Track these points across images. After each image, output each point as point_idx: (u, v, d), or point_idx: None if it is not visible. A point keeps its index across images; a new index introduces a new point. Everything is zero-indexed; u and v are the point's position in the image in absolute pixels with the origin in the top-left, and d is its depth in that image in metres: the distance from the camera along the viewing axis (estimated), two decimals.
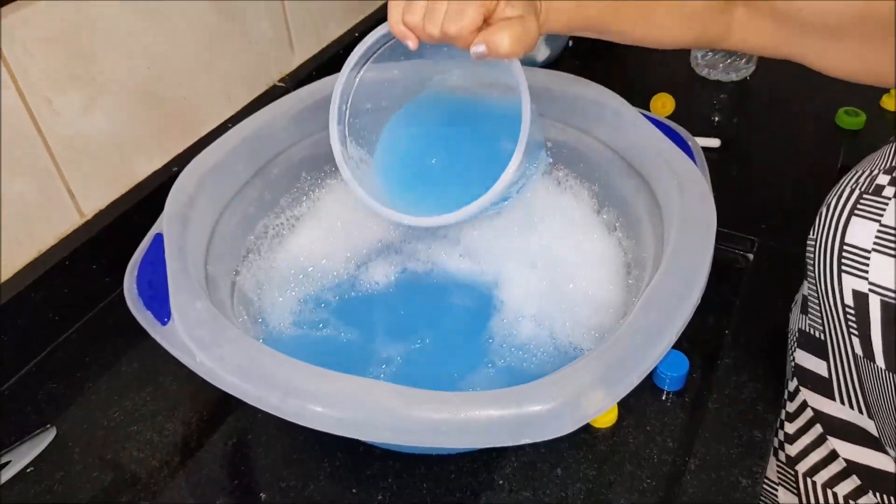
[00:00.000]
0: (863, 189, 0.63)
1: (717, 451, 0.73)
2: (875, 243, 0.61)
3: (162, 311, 0.65)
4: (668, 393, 0.80)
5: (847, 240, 0.63)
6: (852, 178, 0.65)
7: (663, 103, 1.20)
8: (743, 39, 0.71)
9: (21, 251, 0.87)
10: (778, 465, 0.81)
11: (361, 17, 1.33)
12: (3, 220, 0.83)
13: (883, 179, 0.62)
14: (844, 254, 0.63)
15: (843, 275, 0.63)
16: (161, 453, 0.77)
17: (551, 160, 0.92)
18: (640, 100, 1.17)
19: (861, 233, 0.62)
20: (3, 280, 0.85)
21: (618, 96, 0.86)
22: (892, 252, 0.60)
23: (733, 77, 1.29)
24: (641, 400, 0.79)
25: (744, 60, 1.28)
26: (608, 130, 0.87)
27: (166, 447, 0.78)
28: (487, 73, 0.80)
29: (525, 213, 0.87)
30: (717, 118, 1.22)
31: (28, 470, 0.76)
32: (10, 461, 0.76)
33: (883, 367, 0.64)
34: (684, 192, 0.73)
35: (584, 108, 0.88)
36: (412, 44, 0.64)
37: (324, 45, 1.26)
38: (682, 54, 1.33)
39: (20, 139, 0.83)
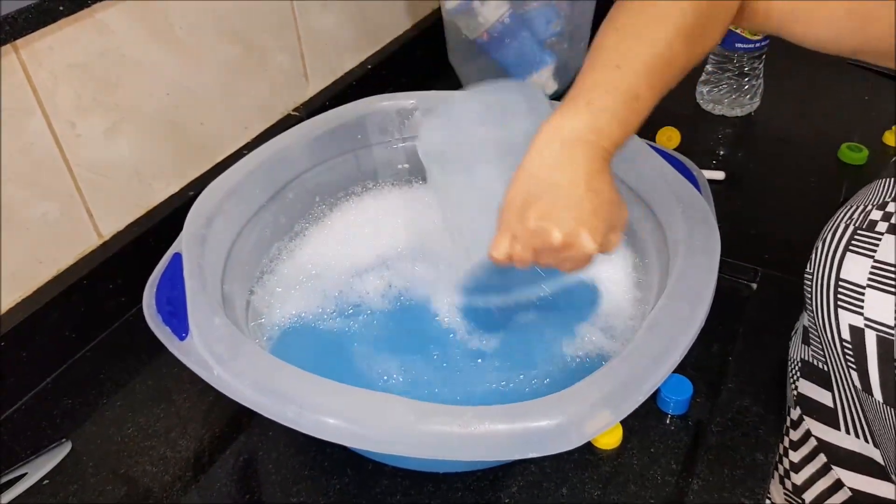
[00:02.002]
0: (857, 225, 0.64)
1: (719, 472, 0.75)
2: (869, 279, 0.62)
3: (180, 327, 0.67)
4: (672, 416, 0.81)
5: (842, 275, 0.64)
6: (847, 213, 0.66)
7: (669, 136, 1.23)
8: (743, 26, 0.70)
9: (41, 270, 0.89)
10: (785, 494, 0.82)
11: (375, 49, 1.36)
12: (26, 240, 0.86)
13: (876, 215, 0.63)
14: (840, 289, 0.64)
15: (840, 310, 0.64)
16: (174, 468, 0.79)
17: None
18: (646, 133, 1.18)
19: (855, 269, 0.63)
20: (22, 298, 0.87)
21: None
22: (887, 287, 0.61)
23: (738, 112, 1.32)
24: (646, 423, 0.80)
25: (748, 96, 1.30)
26: (615, 160, 0.89)
27: (179, 463, 0.79)
28: None
29: None
30: (721, 152, 1.24)
31: (44, 482, 0.78)
32: (26, 473, 0.77)
33: (881, 400, 0.64)
34: (689, 220, 0.75)
35: None
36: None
37: (337, 76, 1.29)
38: (688, 89, 1.35)
39: (45, 161, 0.85)
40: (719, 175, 1.17)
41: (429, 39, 1.42)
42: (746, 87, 1.29)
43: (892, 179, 0.64)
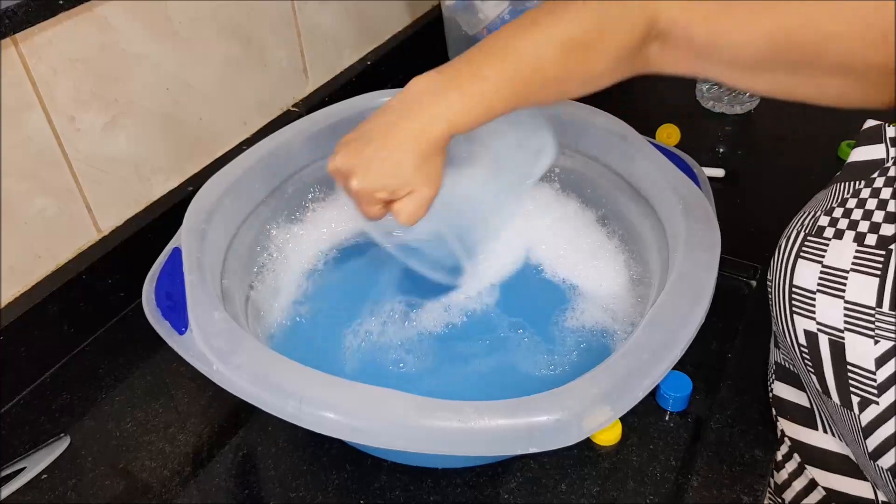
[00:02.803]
0: (807, 231, 0.65)
1: (719, 469, 0.75)
2: (819, 284, 0.63)
3: (180, 322, 0.67)
4: (671, 413, 0.81)
5: (795, 282, 0.64)
6: (799, 220, 0.67)
7: (668, 134, 1.23)
8: (661, 68, 0.70)
9: (40, 265, 0.89)
10: (768, 491, 0.83)
11: (374, 45, 1.36)
12: (25, 234, 0.86)
13: (824, 221, 0.64)
14: (794, 295, 0.65)
15: (795, 315, 0.65)
16: (173, 463, 0.79)
17: (558, 185, 0.94)
18: (646, 130, 1.18)
19: (807, 274, 0.64)
20: (21, 293, 0.87)
21: (625, 123, 0.88)
22: (835, 292, 0.62)
23: (737, 110, 1.32)
24: (645, 419, 0.80)
25: (748, 94, 1.30)
26: (615, 156, 0.89)
27: (178, 457, 0.79)
28: None
29: (532, 233, 0.89)
30: (721, 149, 1.24)
31: (42, 477, 0.77)
32: (24, 468, 0.77)
33: (838, 403, 0.65)
34: (689, 216, 0.75)
35: (591, 134, 0.90)
36: None
37: (337, 72, 1.29)
38: (688, 87, 1.35)
39: (44, 155, 0.85)
40: (719, 173, 1.17)
41: (428, 36, 1.42)
42: None
43: (841, 185, 0.65)
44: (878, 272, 0.60)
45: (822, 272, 0.63)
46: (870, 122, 0.63)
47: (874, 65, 0.58)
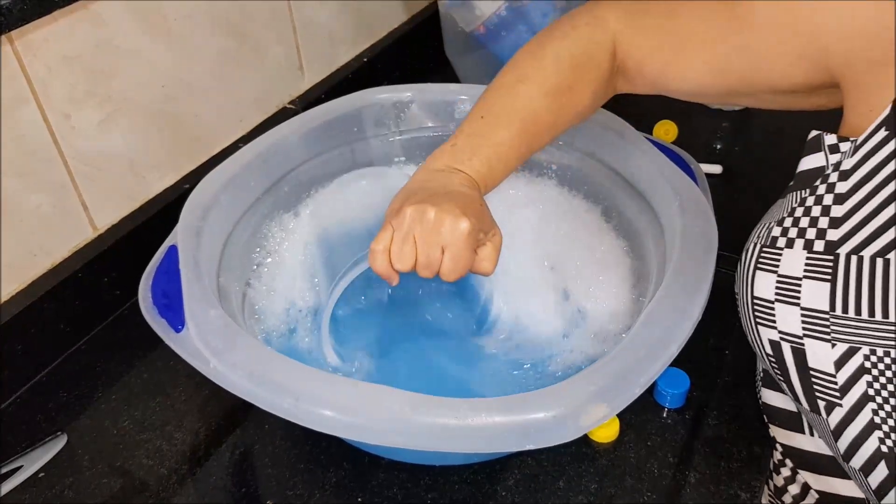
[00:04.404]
0: (763, 242, 0.66)
1: (716, 465, 0.75)
2: (776, 293, 0.64)
3: (176, 319, 0.67)
4: (668, 410, 0.81)
5: (755, 293, 0.66)
6: (756, 232, 0.69)
7: (666, 130, 1.22)
8: (629, 92, 0.79)
9: (35, 263, 0.89)
10: (769, 494, 0.83)
11: (371, 42, 1.35)
12: (20, 232, 0.85)
13: (776, 231, 0.65)
14: (756, 306, 0.66)
15: (759, 326, 0.67)
16: (170, 461, 0.79)
17: (556, 182, 0.94)
18: (644, 127, 1.18)
19: (764, 285, 0.65)
20: (17, 291, 0.87)
21: (622, 120, 0.88)
22: (791, 300, 0.63)
23: (735, 106, 1.31)
24: (643, 416, 0.80)
25: None
26: (613, 153, 0.89)
27: (175, 455, 0.79)
28: None
29: (532, 230, 0.89)
30: (718, 146, 1.24)
31: (39, 475, 0.77)
32: (21, 466, 0.77)
33: (808, 409, 0.66)
34: (686, 212, 0.75)
35: (589, 131, 0.90)
36: (395, 282, 0.68)
37: (333, 69, 1.28)
38: None
39: (39, 153, 0.85)
40: (716, 169, 1.17)
41: (425, 32, 1.41)
42: None
43: (791, 195, 0.67)
44: (829, 277, 0.61)
45: (777, 281, 0.64)
46: (812, 133, 0.65)
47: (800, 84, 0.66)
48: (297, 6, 1.15)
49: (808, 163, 0.65)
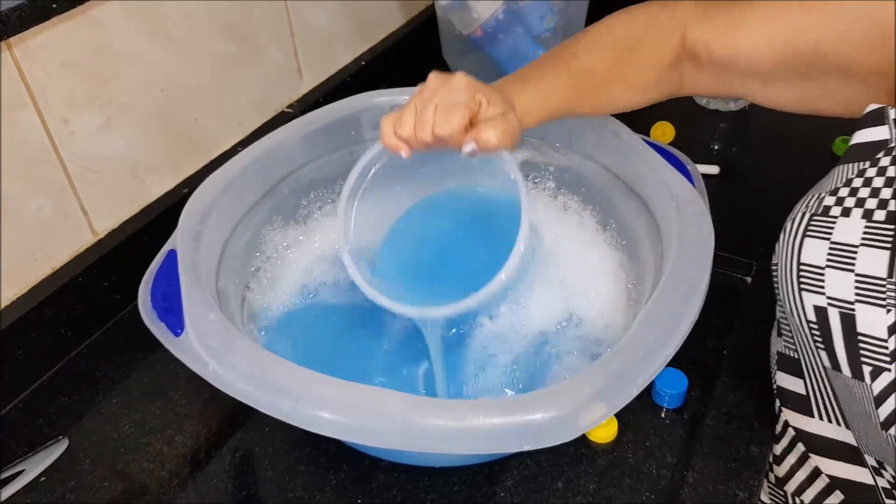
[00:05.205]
0: (813, 211, 0.67)
1: (714, 465, 0.75)
2: (828, 260, 0.65)
3: (175, 323, 0.67)
4: (667, 410, 0.81)
5: (803, 259, 0.66)
6: (804, 202, 0.69)
7: (663, 131, 1.23)
8: (693, 89, 0.79)
9: (36, 267, 0.89)
10: (769, 486, 0.83)
11: (369, 45, 1.36)
12: (20, 237, 0.86)
13: (829, 201, 0.66)
14: (802, 273, 0.67)
15: (803, 292, 0.67)
16: (170, 465, 0.79)
17: (553, 184, 0.95)
18: (641, 128, 1.19)
19: (814, 252, 0.66)
20: (18, 296, 0.87)
21: (618, 121, 0.88)
22: (844, 266, 0.64)
23: (732, 107, 1.32)
24: (641, 417, 0.81)
25: None
26: (609, 154, 0.89)
27: (175, 459, 0.79)
28: (482, 180, 0.88)
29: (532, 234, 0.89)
30: (716, 146, 1.25)
31: (41, 479, 0.78)
32: (23, 470, 0.77)
33: (849, 375, 0.66)
34: (683, 213, 0.75)
35: (585, 132, 0.90)
36: (405, 153, 0.69)
37: (332, 72, 1.29)
38: None
39: (38, 158, 0.85)
40: (713, 169, 1.17)
41: (423, 35, 1.42)
42: None
43: (844, 167, 0.67)
44: (889, 245, 0.62)
45: (830, 248, 0.65)
46: (872, 106, 0.65)
47: (874, 65, 0.65)
48: (295, 10, 1.15)
49: (868, 136, 0.66)
